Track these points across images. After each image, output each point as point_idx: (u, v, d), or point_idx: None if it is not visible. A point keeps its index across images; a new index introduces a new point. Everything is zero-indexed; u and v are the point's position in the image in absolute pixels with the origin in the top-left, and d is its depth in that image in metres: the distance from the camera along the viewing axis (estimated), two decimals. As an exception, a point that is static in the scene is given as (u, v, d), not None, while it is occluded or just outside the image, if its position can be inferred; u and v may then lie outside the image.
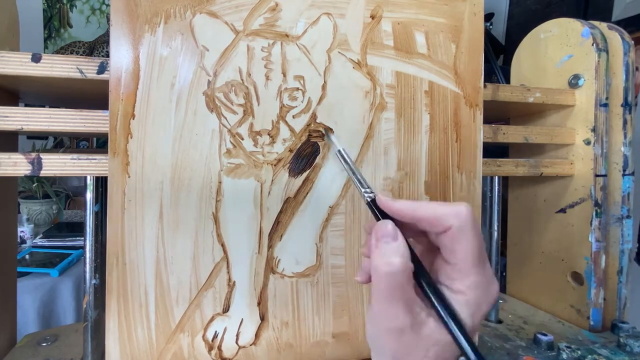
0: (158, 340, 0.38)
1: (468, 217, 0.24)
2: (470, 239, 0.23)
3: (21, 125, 0.37)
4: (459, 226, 0.23)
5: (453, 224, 0.24)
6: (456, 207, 0.24)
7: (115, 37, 0.36)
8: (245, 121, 0.38)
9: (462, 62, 0.43)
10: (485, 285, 0.24)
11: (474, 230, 0.24)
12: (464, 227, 0.23)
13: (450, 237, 0.24)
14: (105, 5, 2.07)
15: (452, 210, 0.24)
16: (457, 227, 0.23)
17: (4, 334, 0.45)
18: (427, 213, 0.25)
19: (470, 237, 0.23)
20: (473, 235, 0.23)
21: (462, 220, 0.23)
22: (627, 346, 0.45)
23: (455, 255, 0.24)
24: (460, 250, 0.24)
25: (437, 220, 0.24)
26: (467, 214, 0.24)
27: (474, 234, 0.24)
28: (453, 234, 0.24)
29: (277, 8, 0.39)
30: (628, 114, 0.53)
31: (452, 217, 0.24)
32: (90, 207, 0.40)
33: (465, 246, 0.23)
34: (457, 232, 0.24)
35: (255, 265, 0.40)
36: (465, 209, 0.24)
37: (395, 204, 0.26)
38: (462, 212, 0.24)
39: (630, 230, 0.54)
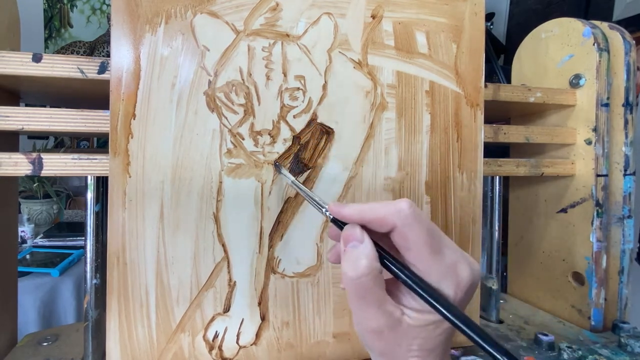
0: (159, 340, 0.38)
1: (408, 213, 0.24)
2: (416, 233, 0.23)
3: (22, 125, 0.37)
4: (402, 223, 0.23)
5: (396, 223, 0.24)
6: (396, 205, 0.24)
7: (116, 37, 0.36)
8: (246, 121, 0.38)
9: (463, 62, 0.43)
10: (451, 273, 0.23)
11: (418, 224, 0.23)
12: (407, 224, 0.23)
13: (398, 235, 0.24)
14: (105, 5, 2.07)
15: (392, 209, 0.24)
16: (401, 225, 0.24)
17: (4, 334, 0.45)
18: (371, 215, 0.25)
19: (416, 231, 0.23)
20: (418, 229, 0.23)
21: (403, 217, 0.23)
22: (628, 346, 0.45)
23: (410, 253, 0.24)
24: (411, 247, 0.24)
25: (382, 221, 0.24)
26: (407, 211, 0.24)
27: (419, 227, 0.23)
28: (399, 232, 0.24)
29: (277, 8, 0.39)
30: (629, 114, 0.53)
31: (393, 216, 0.24)
32: (91, 207, 0.40)
33: (413, 242, 0.23)
34: (402, 229, 0.24)
35: (256, 265, 0.40)
36: (405, 206, 0.24)
37: (343, 210, 0.26)
38: (402, 209, 0.24)
39: (632, 230, 0.54)
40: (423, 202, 0.43)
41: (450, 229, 0.44)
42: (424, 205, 0.43)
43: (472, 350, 0.45)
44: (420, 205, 0.43)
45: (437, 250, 0.24)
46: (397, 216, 0.24)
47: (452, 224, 0.44)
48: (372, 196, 0.41)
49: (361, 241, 0.24)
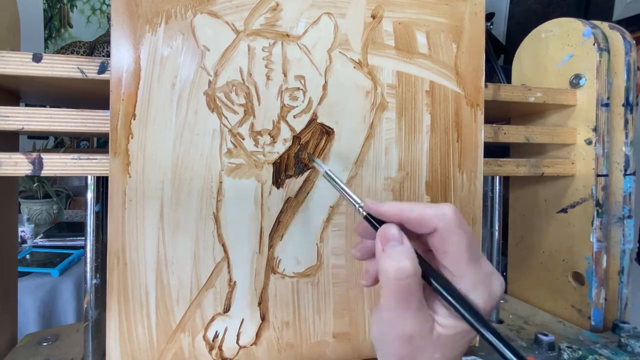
0: (159, 340, 0.38)
1: (453, 217, 0.23)
2: (458, 239, 0.23)
3: (22, 125, 0.37)
4: (445, 227, 0.23)
5: (438, 226, 0.23)
6: (441, 209, 0.24)
7: (116, 37, 0.36)
8: (246, 121, 0.38)
9: (463, 62, 0.43)
10: (485, 282, 0.23)
11: (461, 230, 0.23)
12: (450, 228, 0.23)
13: (438, 238, 0.24)
14: (105, 5, 2.07)
15: (436, 212, 0.24)
16: (443, 229, 0.23)
17: (4, 334, 0.45)
18: (413, 215, 0.24)
19: (458, 237, 0.23)
20: (460, 235, 0.23)
21: (447, 221, 0.23)
22: (628, 346, 0.45)
23: (447, 257, 0.24)
24: (450, 251, 0.23)
25: (423, 222, 0.24)
26: (451, 215, 0.23)
27: (462, 233, 0.23)
28: (441, 235, 0.24)
29: (277, 8, 0.39)
30: (629, 114, 0.53)
31: (436, 219, 0.24)
32: (91, 207, 0.40)
33: (454, 247, 0.23)
34: (444, 233, 0.23)
35: (256, 265, 0.40)
36: (450, 210, 0.24)
37: (382, 207, 0.26)
38: (446, 214, 0.24)
39: (632, 230, 0.54)
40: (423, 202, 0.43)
41: (451, 229, 0.44)
42: (424, 205, 0.43)
43: (471, 350, 0.45)
44: (420, 205, 0.43)
45: (475, 259, 0.23)
46: (441, 219, 0.23)
47: (452, 224, 0.44)
48: (372, 196, 0.41)
49: (401, 242, 0.24)
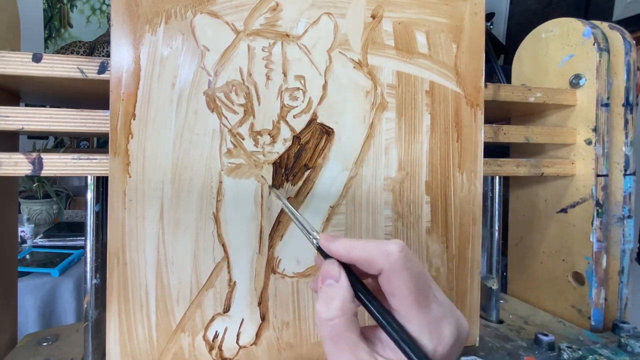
0: (159, 340, 0.38)
1: (397, 258, 0.22)
2: (402, 281, 0.22)
3: (22, 125, 0.37)
4: (389, 269, 0.22)
5: (383, 267, 0.22)
6: (385, 247, 0.23)
7: (116, 37, 0.36)
8: (245, 121, 0.38)
9: (463, 62, 0.43)
10: (434, 325, 0.22)
11: (406, 271, 0.22)
12: (394, 269, 0.22)
13: (385, 279, 0.23)
14: (105, 5, 2.07)
15: (381, 252, 0.23)
16: (388, 270, 0.22)
17: (4, 334, 0.45)
18: (360, 254, 0.23)
19: (402, 279, 0.22)
20: (405, 277, 0.22)
21: (391, 262, 0.22)
22: (628, 346, 0.45)
23: (393, 299, 0.22)
24: (397, 292, 0.22)
25: (369, 263, 0.23)
26: (396, 255, 0.22)
27: (407, 275, 0.22)
28: (387, 275, 0.22)
29: (277, 8, 0.39)
30: (629, 114, 0.53)
31: (381, 258, 0.22)
32: (91, 207, 0.40)
33: (398, 290, 0.22)
34: (388, 274, 0.22)
35: (256, 265, 0.40)
36: (395, 249, 0.22)
37: (333, 245, 0.25)
38: (391, 253, 0.22)
39: (632, 230, 0.54)
40: (423, 202, 0.43)
41: (450, 229, 0.44)
42: (424, 205, 0.43)
43: (472, 350, 0.45)
44: (420, 205, 0.43)
45: (422, 303, 0.22)
46: (386, 259, 0.22)
47: (452, 224, 0.44)
48: (372, 196, 0.41)
49: (337, 280, 0.23)
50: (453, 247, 0.44)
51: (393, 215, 0.42)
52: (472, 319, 0.45)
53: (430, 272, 0.43)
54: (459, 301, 0.44)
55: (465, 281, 0.45)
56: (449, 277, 0.44)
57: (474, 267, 0.45)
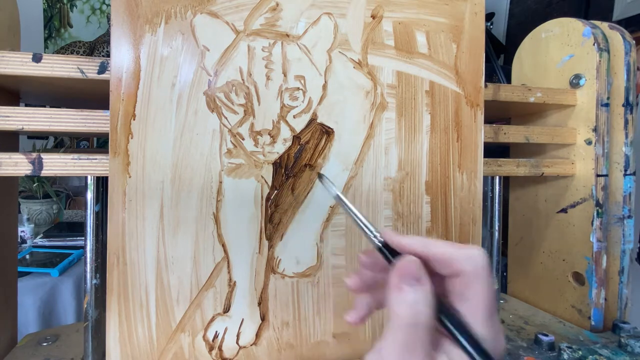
0: (159, 340, 0.38)
1: (483, 263, 0.22)
2: (483, 287, 0.22)
3: (22, 125, 0.37)
4: (473, 272, 0.22)
5: (466, 269, 0.22)
6: (470, 251, 0.22)
7: (116, 37, 0.36)
8: (245, 121, 0.38)
9: (463, 62, 0.43)
10: (493, 340, 0.22)
11: (488, 279, 0.22)
12: (479, 274, 0.22)
13: (462, 282, 0.22)
14: (105, 5, 2.07)
15: (466, 254, 0.22)
16: (471, 273, 0.22)
17: (4, 334, 0.45)
18: (439, 252, 0.23)
19: (484, 285, 0.22)
20: (486, 285, 0.22)
21: (476, 265, 0.22)
22: (629, 346, 0.45)
23: (466, 303, 0.22)
24: (472, 298, 0.22)
25: (450, 262, 0.22)
26: (482, 260, 0.22)
27: (487, 283, 0.22)
28: (466, 279, 0.22)
29: (277, 8, 0.39)
30: (629, 114, 0.53)
31: (465, 260, 0.22)
32: (91, 207, 0.40)
33: (478, 295, 0.22)
34: (470, 278, 0.22)
35: (256, 265, 0.39)
36: (480, 254, 0.22)
37: (405, 240, 0.24)
38: (477, 257, 0.22)
39: (632, 230, 0.54)
40: (423, 202, 0.43)
41: (450, 229, 0.44)
42: (424, 205, 0.43)
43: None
44: (420, 205, 0.43)
45: (492, 314, 0.22)
46: (469, 262, 0.22)
47: (452, 224, 0.44)
48: (372, 196, 0.41)
49: (420, 281, 0.22)
50: (453, 247, 0.44)
51: (393, 215, 0.42)
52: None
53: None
54: (459, 301, 0.44)
55: (465, 281, 0.44)
56: (449, 277, 0.44)
57: (474, 267, 0.45)
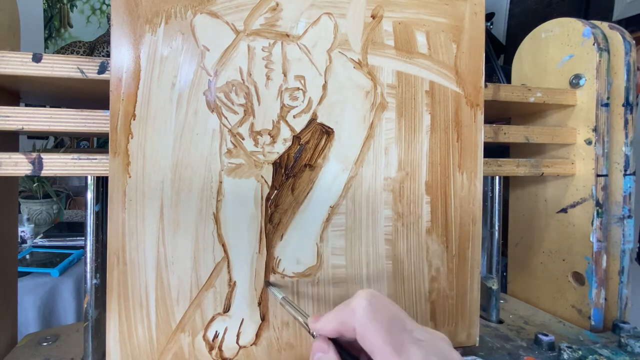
0: (159, 339, 0.38)
1: (362, 311, 0.23)
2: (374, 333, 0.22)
3: (22, 125, 0.37)
4: (360, 325, 0.23)
5: (355, 325, 0.23)
6: (351, 306, 0.23)
7: (116, 37, 0.36)
8: (245, 121, 0.38)
9: (463, 62, 0.43)
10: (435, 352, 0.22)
11: (375, 322, 0.22)
12: (364, 324, 0.23)
13: (360, 339, 0.23)
14: (105, 5, 2.07)
15: (348, 312, 0.23)
16: (359, 327, 0.23)
17: (4, 334, 0.45)
18: (335, 322, 0.24)
19: (375, 330, 0.22)
20: (377, 328, 0.22)
21: (358, 317, 0.23)
22: (628, 346, 0.45)
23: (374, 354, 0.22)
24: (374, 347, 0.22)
25: (345, 327, 0.24)
26: (361, 309, 0.23)
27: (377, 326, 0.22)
28: (360, 334, 0.23)
29: (277, 8, 0.39)
30: (629, 114, 0.53)
31: (350, 318, 0.23)
32: (91, 207, 0.40)
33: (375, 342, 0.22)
34: (361, 331, 0.23)
35: (256, 265, 0.40)
36: (359, 303, 0.23)
37: (317, 324, 0.26)
38: (356, 309, 0.23)
39: (632, 230, 0.54)
40: (423, 202, 0.43)
41: (450, 229, 0.44)
42: (424, 205, 0.43)
43: (471, 351, 0.45)
44: (420, 205, 0.43)
45: (399, 349, 0.22)
46: (353, 318, 0.23)
47: (452, 224, 0.44)
48: (372, 196, 0.41)
49: (326, 352, 0.24)
50: (453, 247, 0.44)
51: (393, 215, 0.42)
52: (472, 319, 0.45)
53: (430, 272, 0.43)
54: (459, 301, 0.44)
55: (465, 281, 0.45)
56: (449, 277, 0.44)
57: (474, 267, 0.45)
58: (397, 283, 0.43)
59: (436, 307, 0.44)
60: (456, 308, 0.45)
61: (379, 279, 0.42)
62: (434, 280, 0.44)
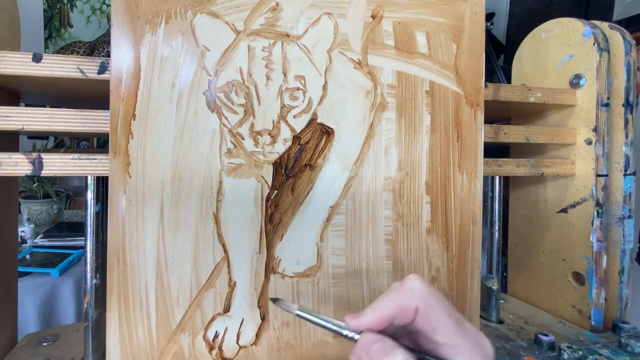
0: (159, 340, 0.38)
1: (425, 289, 0.23)
2: (438, 308, 0.23)
3: (22, 125, 0.37)
4: (424, 302, 0.23)
5: (417, 304, 0.23)
6: (407, 286, 0.23)
7: (116, 37, 0.36)
8: (246, 121, 0.38)
9: (463, 62, 0.43)
10: (478, 344, 0.23)
11: (436, 297, 0.23)
12: (427, 301, 0.23)
13: (421, 317, 0.23)
14: (105, 5, 2.07)
15: (404, 294, 0.23)
16: (423, 305, 0.23)
17: (4, 334, 0.45)
18: (393, 309, 0.24)
19: (437, 305, 0.23)
20: (438, 302, 0.23)
21: (422, 295, 0.23)
22: (629, 346, 0.45)
23: (437, 331, 0.23)
24: (437, 323, 0.23)
25: (404, 310, 0.23)
26: (420, 287, 0.23)
27: (438, 301, 0.23)
28: (423, 313, 0.23)
29: (277, 8, 0.39)
30: (629, 114, 0.53)
31: (410, 299, 0.23)
32: (91, 207, 0.40)
33: (439, 318, 0.23)
34: (425, 309, 0.23)
35: (256, 265, 0.40)
36: (416, 282, 0.23)
37: (363, 319, 0.24)
38: (416, 288, 0.23)
39: (632, 230, 0.54)
40: (423, 202, 0.43)
41: (450, 229, 0.44)
42: (424, 205, 0.43)
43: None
44: (420, 205, 0.43)
45: (461, 323, 0.23)
46: (414, 297, 0.23)
47: (452, 224, 0.44)
48: (372, 196, 0.41)
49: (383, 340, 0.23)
50: (453, 247, 0.44)
51: (393, 215, 0.42)
52: (472, 319, 0.45)
53: (430, 272, 0.43)
54: (459, 301, 0.44)
55: (465, 281, 0.45)
56: (449, 277, 0.44)
57: (474, 267, 0.45)
58: (397, 283, 0.43)
59: (436, 307, 0.44)
60: (456, 308, 0.44)
61: (379, 279, 0.42)
62: (434, 280, 0.44)
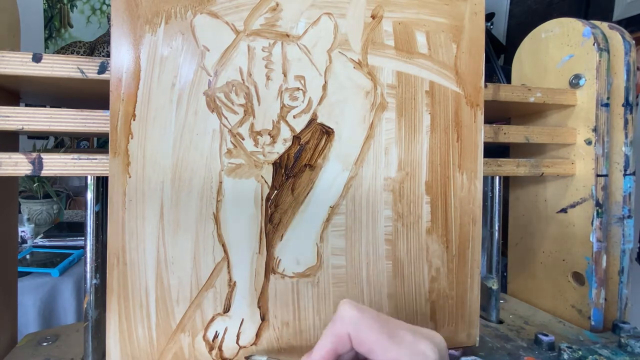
0: (159, 340, 0.38)
1: (352, 314, 0.24)
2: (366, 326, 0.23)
3: (22, 125, 0.37)
4: (353, 329, 0.24)
5: (348, 331, 0.24)
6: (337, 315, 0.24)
7: (116, 37, 0.36)
8: (245, 121, 0.38)
9: (463, 62, 0.43)
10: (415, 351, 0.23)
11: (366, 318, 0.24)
12: (355, 324, 0.24)
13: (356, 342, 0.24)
14: (105, 5, 2.07)
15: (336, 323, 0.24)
16: (353, 331, 0.24)
17: (4, 334, 0.45)
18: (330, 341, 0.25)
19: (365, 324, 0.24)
20: (366, 321, 0.24)
21: (349, 322, 0.24)
22: (629, 346, 0.45)
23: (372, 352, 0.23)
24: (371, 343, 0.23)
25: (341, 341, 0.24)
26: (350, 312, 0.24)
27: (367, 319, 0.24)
28: (355, 338, 0.24)
29: (277, 8, 0.39)
30: (629, 114, 0.53)
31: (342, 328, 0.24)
32: (91, 207, 0.40)
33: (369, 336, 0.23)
34: (355, 335, 0.24)
35: (256, 265, 0.40)
36: (345, 309, 0.24)
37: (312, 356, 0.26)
38: (342, 316, 0.24)
39: (632, 230, 0.54)
40: (423, 202, 0.43)
41: (450, 229, 0.44)
42: (424, 205, 0.43)
43: (472, 351, 0.45)
44: (420, 205, 0.43)
45: (394, 335, 0.23)
46: (345, 324, 0.24)
47: (452, 224, 0.44)
48: (372, 196, 0.41)
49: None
50: (453, 247, 0.44)
51: (393, 215, 0.42)
52: (472, 319, 0.45)
53: (430, 272, 0.43)
54: (459, 301, 0.44)
55: (465, 281, 0.45)
56: (449, 277, 0.44)
57: (474, 267, 0.45)
58: (397, 283, 0.43)
59: (436, 307, 0.44)
60: (456, 308, 0.45)
61: (379, 279, 0.42)
62: (434, 280, 0.44)
